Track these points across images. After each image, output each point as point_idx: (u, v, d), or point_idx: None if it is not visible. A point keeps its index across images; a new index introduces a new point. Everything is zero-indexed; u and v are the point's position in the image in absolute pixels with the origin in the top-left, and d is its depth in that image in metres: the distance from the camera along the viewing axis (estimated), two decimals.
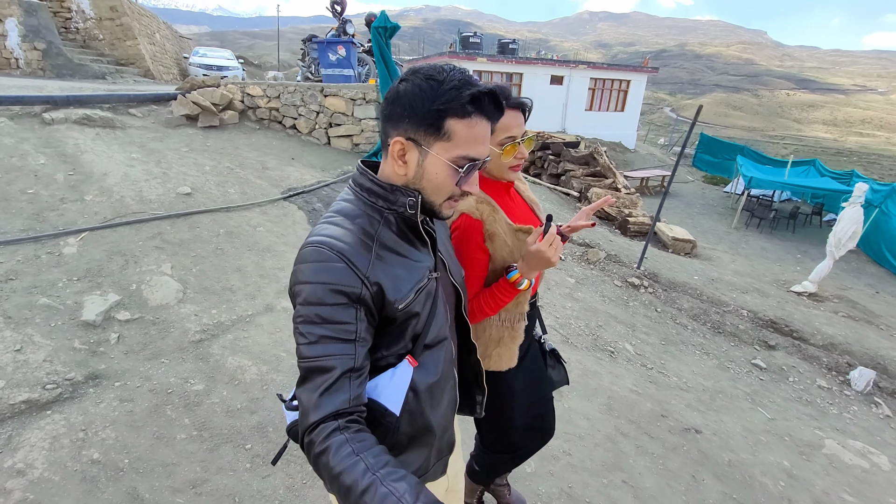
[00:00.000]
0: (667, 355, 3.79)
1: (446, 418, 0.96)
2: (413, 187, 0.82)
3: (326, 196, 4.78)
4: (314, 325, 0.72)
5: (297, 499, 1.90)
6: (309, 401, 0.71)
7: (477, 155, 0.79)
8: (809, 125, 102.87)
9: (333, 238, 0.76)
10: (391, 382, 0.83)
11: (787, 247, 12.51)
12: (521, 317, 1.29)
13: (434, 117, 0.75)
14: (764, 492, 2.47)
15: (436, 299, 0.89)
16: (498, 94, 0.79)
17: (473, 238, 1.17)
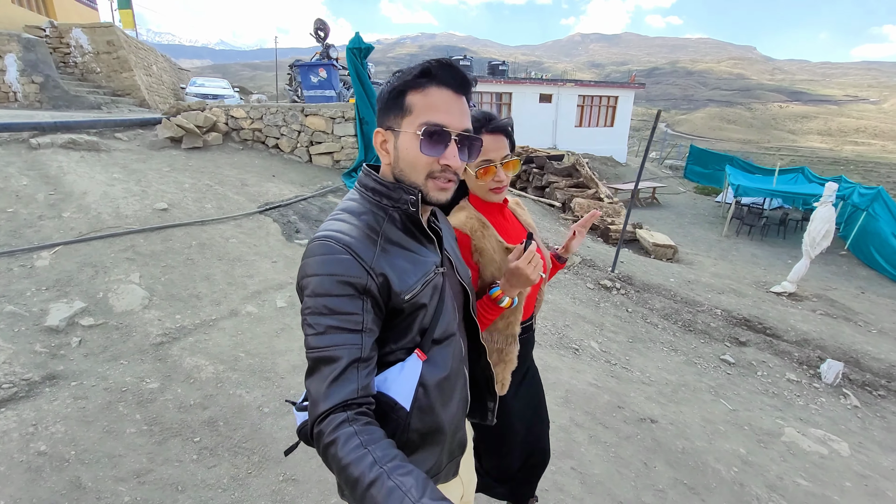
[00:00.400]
0: (633, 352, 3.83)
1: (457, 417, 0.95)
2: (396, 173, 0.84)
3: (302, 210, 4.92)
4: (322, 315, 0.74)
5: (241, 487, 1.95)
6: (318, 391, 0.72)
7: (438, 121, 0.80)
8: (804, 136, 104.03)
9: (339, 232, 0.78)
10: (400, 376, 0.83)
11: (777, 252, 12.55)
12: (512, 339, 1.28)
13: (396, 98, 0.81)
14: (716, 477, 2.49)
15: (443, 294, 0.90)
16: (452, 64, 0.81)
17: (462, 252, 1.18)
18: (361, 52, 5.65)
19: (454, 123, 0.82)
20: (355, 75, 5.71)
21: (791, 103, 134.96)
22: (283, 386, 2.54)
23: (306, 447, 0.88)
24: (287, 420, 2.32)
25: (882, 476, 2.78)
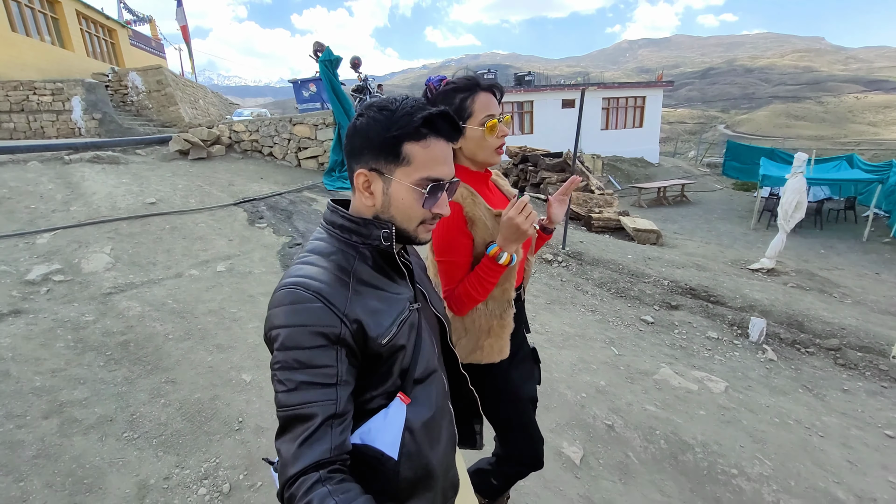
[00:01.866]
0: (545, 312, 4.03)
1: (447, 457, 0.92)
2: (384, 217, 0.82)
3: (273, 203, 5.58)
4: (293, 370, 0.70)
5: (130, 384, 2.48)
6: (288, 452, 0.69)
7: (439, 175, 0.80)
8: (888, 127, 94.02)
9: (308, 277, 0.74)
10: (385, 423, 0.79)
11: (810, 243, 11.77)
12: (508, 304, 1.28)
13: (391, 144, 0.76)
14: (560, 400, 2.71)
15: (420, 331, 0.87)
16: (450, 114, 0.80)
17: (455, 223, 1.18)
18: (332, 63, 6.34)
19: (448, 174, 0.81)
20: (328, 84, 6.40)
21: (870, 93, 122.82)
22: (194, 322, 3.09)
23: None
24: (186, 345, 2.85)
25: (748, 410, 2.84)
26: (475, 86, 1.19)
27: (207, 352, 2.81)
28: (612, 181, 20.01)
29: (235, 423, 2.32)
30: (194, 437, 2.22)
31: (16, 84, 9.92)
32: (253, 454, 2.16)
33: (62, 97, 10.08)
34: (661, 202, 16.48)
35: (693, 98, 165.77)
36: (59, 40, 13.14)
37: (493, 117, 1.19)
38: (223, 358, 2.78)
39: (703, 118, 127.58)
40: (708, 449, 2.41)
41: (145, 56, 18.41)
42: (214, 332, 3.01)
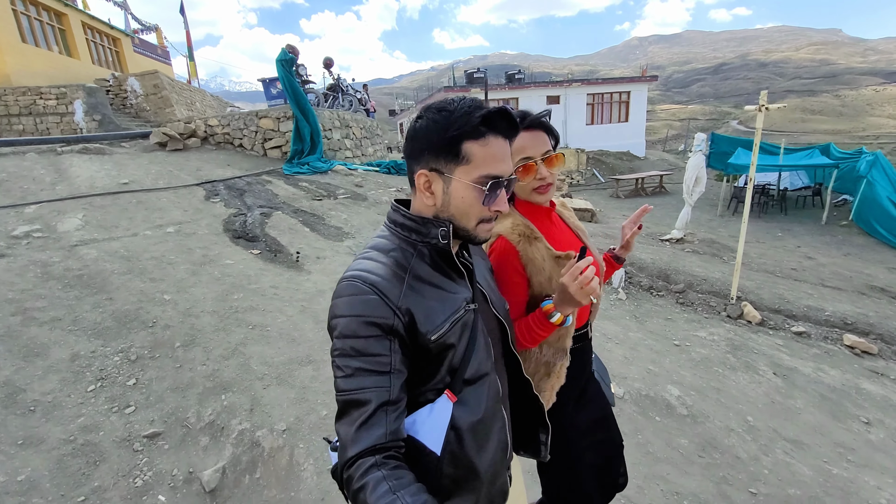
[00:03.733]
0: None
1: (496, 464, 0.91)
2: (443, 216, 0.84)
3: (232, 184, 6.44)
4: (349, 357, 0.75)
5: (78, 301, 3.32)
6: (347, 434, 0.73)
7: (498, 172, 0.81)
8: None
9: (366, 271, 0.79)
10: (430, 418, 0.81)
11: (769, 227, 12.34)
12: (562, 353, 1.19)
13: (450, 144, 0.79)
14: None
15: (475, 332, 0.87)
16: (508, 111, 0.82)
17: (510, 262, 1.14)
18: (287, 62, 7.19)
19: (507, 171, 0.83)
20: (285, 81, 7.25)
21: (889, 85, 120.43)
22: (137, 264, 3.92)
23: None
24: (126, 277, 3.68)
25: None
26: (517, 122, 1.19)
27: (142, 281, 3.65)
28: (597, 174, 20.60)
29: (150, 323, 3.14)
30: (118, 330, 3.05)
31: (24, 90, 10.99)
32: (158, 340, 2.97)
33: (65, 101, 11.13)
34: (639, 193, 17.10)
35: (705, 94, 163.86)
36: (66, 49, 14.26)
37: (530, 159, 1.15)
38: (153, 286, 3.61)
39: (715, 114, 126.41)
40: None
41: (150, 63, 19.58)
42: (151, 270, 3.85)
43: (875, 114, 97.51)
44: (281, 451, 2.31)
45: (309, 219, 5.51)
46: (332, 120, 8.71)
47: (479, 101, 0.82)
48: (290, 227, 5.19)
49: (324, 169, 7.33)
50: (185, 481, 2.16)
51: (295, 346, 3.09)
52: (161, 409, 2.50)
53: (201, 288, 3.68)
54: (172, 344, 2.98)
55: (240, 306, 3.47)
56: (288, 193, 6.27)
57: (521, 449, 1.11)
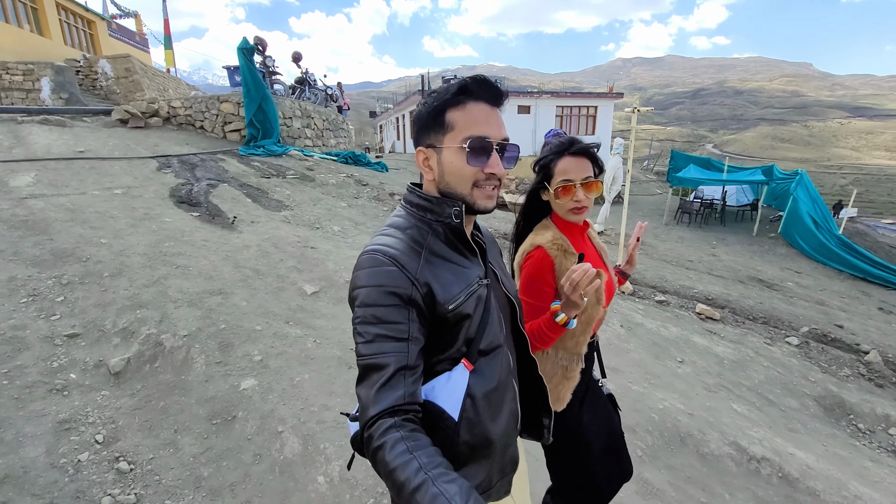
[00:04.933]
0: (363, 234, 5.37)
1: (508, 432, 0.96)
2: (442, 187, 0.90)
3: (187, 160, 6.88)
4: (370, 324, 0.80)
5: (23, 241, 3.75)
6: (367, 396, 0.77)
7: (480, 133, 0.85)
8: (869, 152, 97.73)
9: (386, 246, 0.84)
10: (448, 385, 0.86)
11: (706, 236, 13.36)
12: (578, 358, 1.31)
13: (435, 117, 0.87)
14: None
15: (488, 305, 0.92)
16: (486, 79, 0.87)
17: (545, 271, 1.24)
18: (248, 51, 7.69)
19: (494, 134, 0.87)
20: (246, 69, 7.74)
21: (854, 119, 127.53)
22: (80, 215, 4.36)
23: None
24: (68, 224, 4.12)
25: None
26: (563, 151, 1.30)
27: (83, 229, 4.10)
28: None
29: (84, 259, 3.60)
30: (54, 262, 3.50)
31: None
32: (89, 271, 3.45)
33: (32, 77, 11.31)
34: (598, 202, 18.08)
35: (683, 117, 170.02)
36: (38, 28, 14.37)
37: (570, 182, 1.27)
38: (92, 232, 4.06)
39: (692, 137, 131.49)
40: None
41: (127, 48, 19.66)
42: (93, 221, 4.29)
43: (839, 145, 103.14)
44: (179, 350, 2.82)
45: (253, 192, 6.00)
46: (293, 109, 9.21)
47: (465, 77, 0.89)
48: (233, 198, 5.68)
49: (278, 152, 7.82)
50: (94, 366, 2.66)
51: (211, 281, 3.60)
52: (83, 318, 2.99)
53: (137, 237, 4.15)
54: (101, 274, 3.46)
55: (169, 251, 3.96)
56: (238, 170, 6.75)
57: (525, 431, 1.13)
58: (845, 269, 10.62)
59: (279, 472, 2.17)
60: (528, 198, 1.41)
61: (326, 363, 2.93)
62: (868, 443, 3.30)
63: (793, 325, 4.83)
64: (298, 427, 2.39)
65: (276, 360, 2.86)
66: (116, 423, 2.35)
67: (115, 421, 2.36)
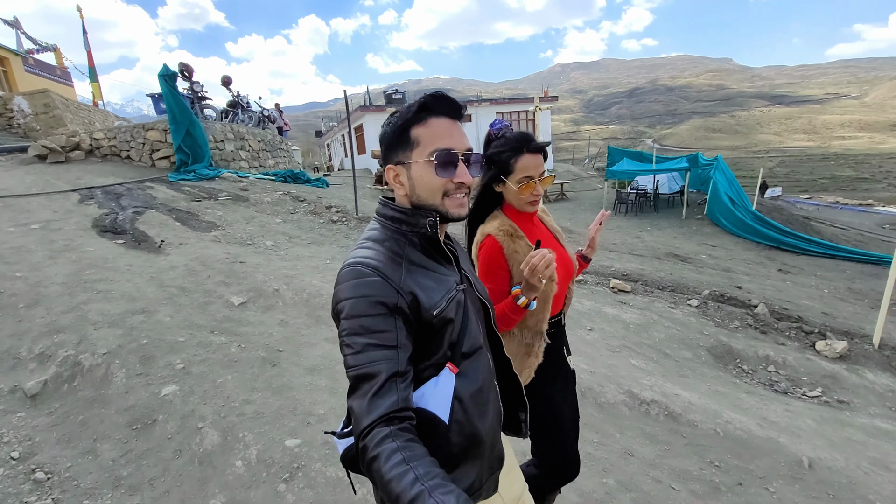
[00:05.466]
0: (297, 246, 5.51)
1: (493, 430, 0.99)
2: (414, 201, 0.94)
3: (111, 190, 6.77)
4: (358, 335, 0.80)
5: None
6: (360, 407, 0.77)
7: (444, 145, 0.90)
8: (790, 136, 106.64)
9: (367, 258, 0.86)
10: (436, 390, 0.88)
11: (641, 223, 14.26)
12: (540, 335, 1.40)
13: (401, 135, 0.91)
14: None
15: (466, 309, 0.96)
16: (444, 95, 0.91)
17: (495, 257, 1.32)
18: (170, 77, 7.68)
19: (458, 145, 0.91)
20: (169, 95, 7.71)
21: (773, 107, 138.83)
22: None
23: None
24: None
25: None
26: (522, 147, 1.37)
27: None
28: None
29: None
30: None
31: None
32: (3, 304, 3.42)
33: None
34: (544, 200, 18.86)
35: (623, 116, 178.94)
36: None
37: (531, 179, 1.37)
38: (6, 267, 3.99)
39: (633, 133, 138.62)
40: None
41: (47, 83, 18.74)
42: (7, 256, 4.21)
43: (763, 131, 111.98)
44: (99, 367, 2.89)
45: (182, 216, 6.01)
46: (224, 132, 9.20)
47: (425, 95, 0.91)
48: (161, 223, 5.67)
49: (210, 176, 7.81)
50: (9, 392, 2.69)
51: (133, 302, 3.65)
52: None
53: (55, 268, 4.12)
54: (16, 305, 3.44)
55: (90, 278, 3.96)
56: (168, 196, 6.71)
57: (505, 428, 1.17)
58: (760, 239, 11.68)
59: (198, 463, 2.31)
60: (482, 190, 1.48)
61: (250, 364, 3.07)
62: (749, 380, 3.78)
63: (696, 290, 5.37)
64: (219, 422, 2.53)
65: (198, 367, 2.98)
66: (33, 439, 2.40)
67: (31, 438, 2.41)
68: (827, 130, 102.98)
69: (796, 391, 3.63)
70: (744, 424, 2.94)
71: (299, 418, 2.62)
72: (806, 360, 3.92)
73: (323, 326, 3.69)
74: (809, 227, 15.57)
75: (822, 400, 3.48)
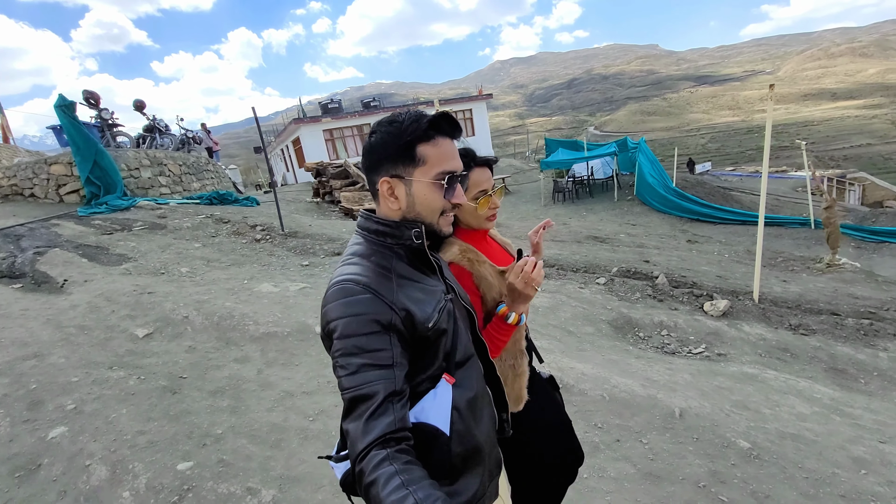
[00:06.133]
0: (215, 270, 5.45)
1: (490, 435, 1.00)
2: (410, 216, 0.92)
3: (10, 232, 6.38)
4: (352, 356, 0.78)
5: None
6: (356, 429, 0.75)
7: (451, 168, 0.91)
8: (717, 112, 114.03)
9: (355, 275, 0.84)
10: (435, 402, 0.88)
11: (578, 209, 14.87)
12: (521, 353, 1.37)
13: (406, 149, 0.88)
14: None
15: (456, 318, 0.95)
16: (450, 115, 0.92)
17: (466, 283, 1.25)
18: (68, 107, 7.32)
19: (458, 167, 0.93)
20: (70, 126, 7.34)
21: (699, 87, 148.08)
22: None
23: None
24: None
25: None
26: (469, 162, 1.32)
27: None
28: None
29: None
30: None
31: None
32: None
33: None
34: None
35: (564, 106, 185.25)
36: None
37: (486, 193, 1.32)
38: None
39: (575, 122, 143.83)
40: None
41: None
42: None
43: (693, 111, 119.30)
44: None
45: (90, 251, 5.76)
46: (138, 159, 8.85)
47: (422, 110, 0.92)
48: (66, 261, 5.42)
49: (124, 206, 7.50)
50: None
51: (25, 348, 3.50)
52: None
53: None
54: None
55: None
56: (75, 232, 6.40)
57: None
58: (682, 213, 12.52)
59: (84, 500, 2.29)
60: None
61: (148, 395, 3.04)
62: (644, 346, 4.11)
63: (607, 268, 5.74)
64: (108, 457, 2.51)
65: (92, 405, 2.92)
66: None
67: None
68: (749, 105, 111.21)
69: (683, 350, 3.99)
70: (628, 387, 3.21)
71: (195, 441, 2.64)
72: (694, 321, 4.31)
73: (233, 348, 3.69)
74: (730, 198, 16.81)
75: (704, 355, 3.85)
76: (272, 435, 2.72)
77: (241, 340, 3.76)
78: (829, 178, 22.54)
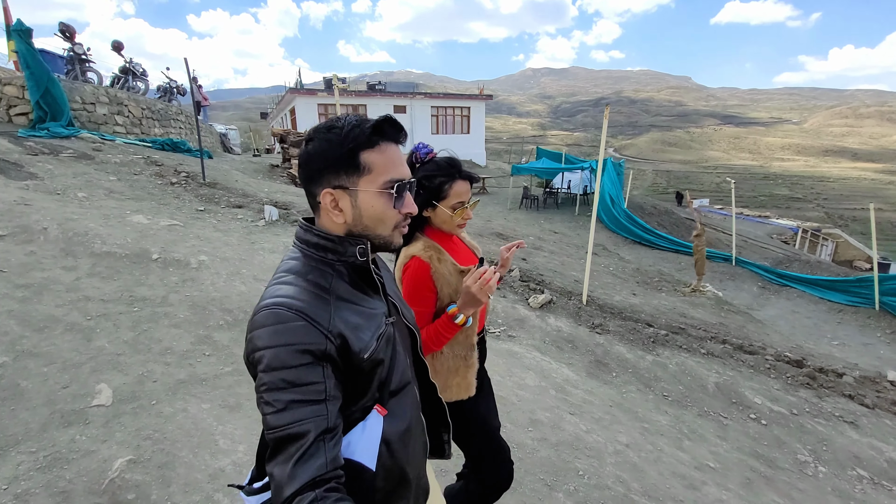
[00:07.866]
0: (112, 200, 5.83)
1: (419, 465, 0.96)
2: (357, 230, 0.86)
3: None
4: (280, 390, 0.71)
5: None
6: (282, 474, 0.69)
7: (399, 175, 0.85)
8: (737, 154, 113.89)
9: (288, 297, 0.76)
10: (363, 436, 0.82)
11: (537, 218, 15.25)
12: (471, 347, 1.45)
13: (349, 157, 0.81)
14: None
15: (395, 344, 0.90)
16: (394, 119, 0.85)
17: (423, 278, 1.32)
18: (24, 33, 7.71)
19: (406, 174, 0.87)
20: (25, 50, 7.74)
21: (724, 126, 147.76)
22: None
23: None
24: None
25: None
26: (455, 174, 1.42)
27: None
28: None
29: None
30: None
31: None
32: None
33: None
34: None
35: (588, 124, 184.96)
36: None
37: (463, 205, 1.44)
38: None
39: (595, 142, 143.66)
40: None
41: None
42: None
43: (714, 148, 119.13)
44: None
45: (4, 165, 6.15)
46: (95, 95, 9.24)
47: (363, 116, 0.85)
48: None
49: (64, 134, 7.88)
50: None
51: None
52: None
53: None
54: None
55: None
56: (3, 149, 6.80)
57: (430, 453, 1.13)
58: (628, 235, 12.82)
59: None
60: None
61: None
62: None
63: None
64: None
65: None
66: None
67: None
68: (769, 151, 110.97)
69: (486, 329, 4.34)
70: None
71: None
72: (511, 309, 4.63)
73: (69, 258, 4.05)
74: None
75: (496, 334, 4.18)
76: (40, 321, 3.09)
77: (81, 254, 4.12)
78: (804, 229, 22.73)
